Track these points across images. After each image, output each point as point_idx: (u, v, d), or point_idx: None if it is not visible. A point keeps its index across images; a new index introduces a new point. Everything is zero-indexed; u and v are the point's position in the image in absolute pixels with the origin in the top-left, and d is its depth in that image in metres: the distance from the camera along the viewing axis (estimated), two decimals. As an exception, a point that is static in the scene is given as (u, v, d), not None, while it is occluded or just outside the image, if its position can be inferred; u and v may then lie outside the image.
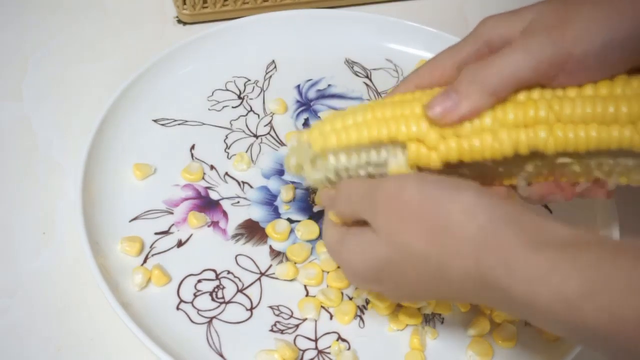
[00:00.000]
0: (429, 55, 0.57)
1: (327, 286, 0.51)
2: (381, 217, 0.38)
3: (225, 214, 0.54)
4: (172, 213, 0.54)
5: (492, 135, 0.40)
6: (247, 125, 0.61)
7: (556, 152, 0.40)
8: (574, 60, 0.38)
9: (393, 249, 0.38)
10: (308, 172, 0.44)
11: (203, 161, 0.58)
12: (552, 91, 0.40)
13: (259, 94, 0.63)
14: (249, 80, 0.64)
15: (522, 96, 0.40)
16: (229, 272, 0.51)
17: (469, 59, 0.42)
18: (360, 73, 0.65)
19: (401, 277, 0.39)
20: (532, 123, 0.39)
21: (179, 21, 0.70)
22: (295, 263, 0.51)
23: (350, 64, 0.66)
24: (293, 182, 0.57)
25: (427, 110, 0.40)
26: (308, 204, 0.55)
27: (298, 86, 0.64)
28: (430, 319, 0.49)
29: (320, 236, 0.53)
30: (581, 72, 0.39)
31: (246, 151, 0.59)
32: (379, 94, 0.64)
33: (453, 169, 0.42)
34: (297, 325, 0.49)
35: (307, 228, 0.53)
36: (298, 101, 0.63)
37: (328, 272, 0.51)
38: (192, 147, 0.58)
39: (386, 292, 0.42)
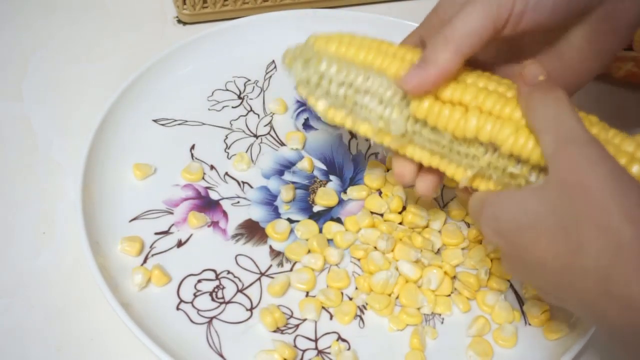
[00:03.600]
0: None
1: (327, 286, 0.51)
2: (561, 170, 0.36)
3: (225, 214, 0.54)
4: (172, 213, 0.54)
5: (461, 112, 0.41)
6: (247, 125, 0.61)
7: (510, 154, 0.40)
8: (516, 7, 0.39)
9: (552, 206, 0.36)
10: (297, 68, 0.46)
11: (203, 161, 0.58)
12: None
13: (259, 94, 0.63)
14: (249, 80, 0.64)
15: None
16: (229, 272, 0.51)
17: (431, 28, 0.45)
18: (360, 73, 0.65)
19: (537, 241, 0.36)
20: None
21: (179, 21, 0.70)
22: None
23: (350, 64, 0.66)
24: (293, 182, 0.57)
25: (402, 84, 0.41)
26: (308, 204, 0.55)
27: (298, 86, 0.64)
28: (430, 319, 0.49)
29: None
30: (529, 19, 0.40)
31: (246, 151, 0.59)
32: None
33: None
34: (297, 325, 0.49)
35: (307, 228, 0.53)
36: (298, 101, 0.63)
37: (320, 272, 0.51)
38: (192, 147, 0.58)
39: (510, 249, 0.38)
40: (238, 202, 0.55)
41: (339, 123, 0.46)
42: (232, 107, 0.62)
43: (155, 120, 0.60)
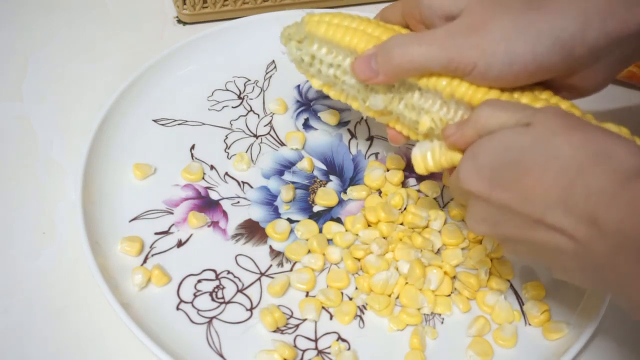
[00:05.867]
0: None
1: (327, 286, 0.51)
2: (542, 116, 0.36)
3: (225, 214, 0.54)
4: (172, 213, 0.54)
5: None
6: (247, 125, 0.61)
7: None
8: (478, 69, 0.41)
9: (539, 145, 0.36)
10: (291, 47, 0.50)
11: (203, 161, 0.58)
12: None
13: (259, 94, 0.63)
14: (249, 80, 0.64)
15: None
16: (229, 272, 0.51)
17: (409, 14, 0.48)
18: (360, 73, 0.65)
19: (529, 170, 0.36)
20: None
21: (179, 21, 0.70)
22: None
23: (350, 64, 0.66)
24: (293, 182, 0.57)
25: (352, 69, 0.45)
26: (308, 204, 0.55)
27: (298, 86, 0.64)
28: (430, 319, 0.49)
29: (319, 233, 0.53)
30: (484, 81, 0.42)
31: (246, 151, 0.59)
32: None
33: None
34: (297, 325, 0.49)
35: (307, 228, 0.53)
36: (298, 101, 0.63)
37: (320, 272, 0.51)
38: (192, 147, 0.58)
39: (498, 186, 0.38)
40: (238, 202, 0.55)
41: (335, 98, 0.51)
42: (232, 107, 0.62)
43: (155, 120, 0.60)
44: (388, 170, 0.57)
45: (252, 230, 0.54)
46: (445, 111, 0.44)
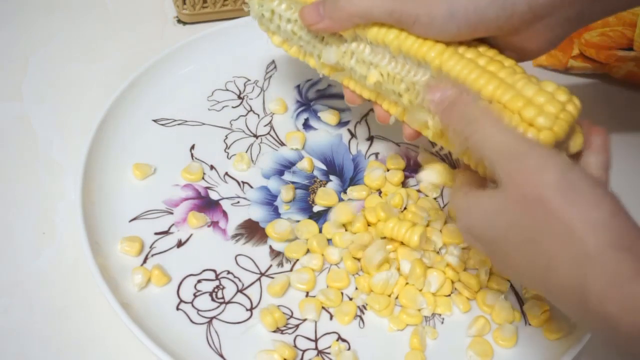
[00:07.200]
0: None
1: (327, 286, 0.51)
2: (512, 188, 0.36)
3: (225, 214, 0.54)
4: (172, 213, 0.54)
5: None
6: (247, 125, 0.61)
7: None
8: (420, 21, 0.42)
9: (516, 222, 0.36)
10: (253, 3, 0.51)
11: (203, 161, 0.58)
12: None
13: (259, 94, 0.63)
14: (249, 80, 0.64)
15: None
16: (229, 272, 0.51)
17: None
18: (360, 73, 0.65)
19: (512, 252, 0.36)
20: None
21: (179, 21, 0.70)
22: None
23: (350, 64, 0.66)
24: (293, 182, 0.57)
25: (300, 14, 0.47)
26: (308, 204, 0.55)
27: (298, 86, 0.64)
28: (430, 319, 0.49)
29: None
30: (427, 33, 0.43)
31: (246, 151, 0.59)
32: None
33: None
34: (297, 326, 0.49)
35: (307, 228, 0.53)
36: (298, 101, 0.63)
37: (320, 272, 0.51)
38: (192, 147, 0.58)
39: (491, 256, 0.40)
40: (238, 202, 0.55)
41: (293, 55, 0.52)
42: (232, 107, 0.62)
43: (155, 120, 0.60)
44: (388, 170, 0.57)
45: (252, 230, 0.54)
46: (393, 65, 0.45)
